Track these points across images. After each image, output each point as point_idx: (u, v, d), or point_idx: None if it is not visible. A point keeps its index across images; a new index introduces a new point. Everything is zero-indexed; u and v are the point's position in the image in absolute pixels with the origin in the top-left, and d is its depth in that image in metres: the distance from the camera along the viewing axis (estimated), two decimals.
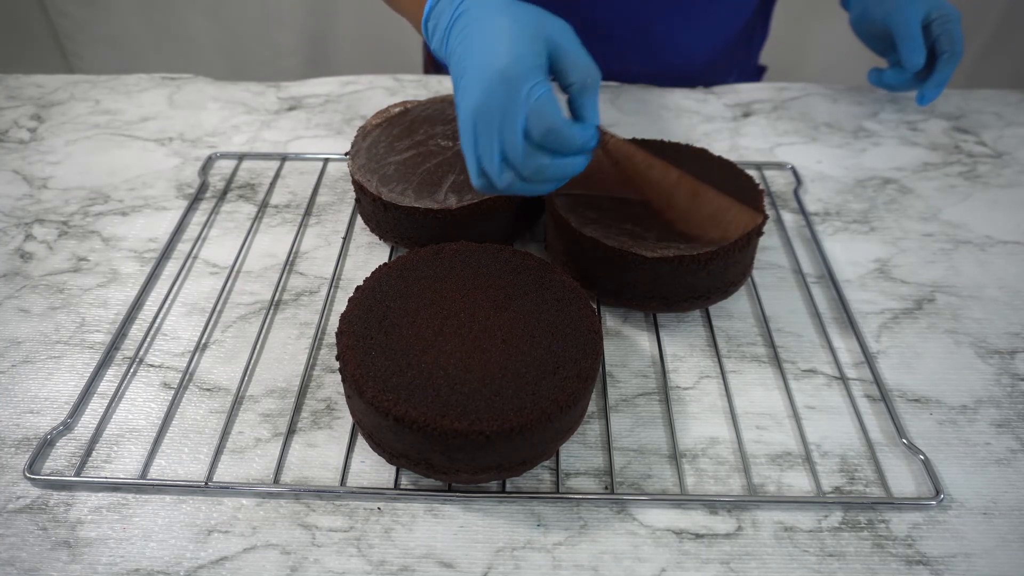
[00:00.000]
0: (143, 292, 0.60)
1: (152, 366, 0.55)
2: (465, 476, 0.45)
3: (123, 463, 0.49)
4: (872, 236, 0.67)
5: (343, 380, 0.47)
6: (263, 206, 0.69)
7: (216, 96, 0.84)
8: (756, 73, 1.00)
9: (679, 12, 0.83)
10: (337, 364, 0.47)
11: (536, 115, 0.45)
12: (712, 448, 0.50)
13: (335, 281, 0.62)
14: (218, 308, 0.59)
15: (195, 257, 0.64)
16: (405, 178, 0.60)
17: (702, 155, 0.63)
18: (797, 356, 0.56)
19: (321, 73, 0.90)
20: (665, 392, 0.53)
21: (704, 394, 0.54)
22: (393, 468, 0.48)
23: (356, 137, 0.66)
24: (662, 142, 0.65)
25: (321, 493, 0.47)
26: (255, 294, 0.61)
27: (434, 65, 0.98)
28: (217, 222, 0.68)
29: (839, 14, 0.85)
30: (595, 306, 0.59)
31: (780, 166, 0.75)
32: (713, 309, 0.60)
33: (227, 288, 0.61)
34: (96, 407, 0.52)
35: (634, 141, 0.56)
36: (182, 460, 0.49)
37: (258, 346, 0.56)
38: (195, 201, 0.70)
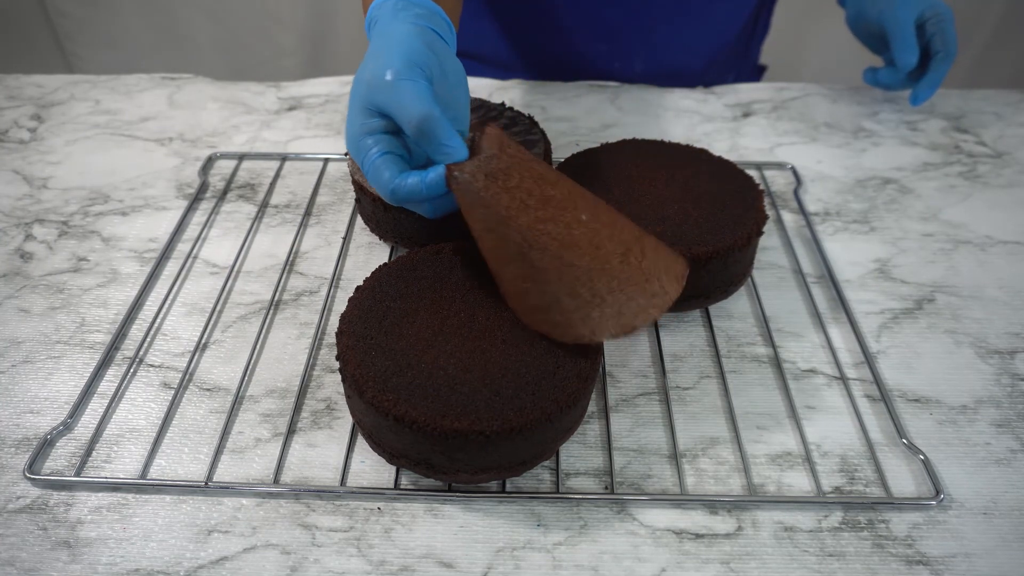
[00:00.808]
0: (143, 292, 0.60)
1: (152, 366, 0.55)
2: (465, 476, 0.45)
3: (123, 463, 0.49)
4: (872, 236, 0.67)
5: (343, 380, 0.47)
6: (263, 206, 0.69)
7: (216, 96, 0.84)
8: (756, 72, 1.00)
9: (681, 11, 0.83)
10: (337, 364, 0.47)
11: (374, 184, 0.47)
12: (712, 448, 0.50)
13: (335, 281, 0.62)
14: (218, 308, 0.59)
15: (195, 257, 0.64)
16: None
17: (702, 155, 0.63)
18: (797, 356, 0.56)
19: (321, 73, 0.90)
20: (665, 392, 0.53)
21: (704, 394, 0.54)
22: (393, 468, 0.48)
23: None
24: (662, 142, 0.65)
25: (321, 493, 0.47)
26: (255, 294, 0.61)
27: None
28: (217, 222, 0.68)
29: (839, 14, 0.85)
30: None
31: (780, 166, 0.75)
32: (713, 309, 0.60)
33: (227, 288, 0.61)
34: (96, 407, 0.52)
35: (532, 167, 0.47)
36: (182, 460, 0.49)
37: (258, 346, 0.56)
38: (195, 201, 0.70)
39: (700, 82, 0.88)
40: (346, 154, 0.66)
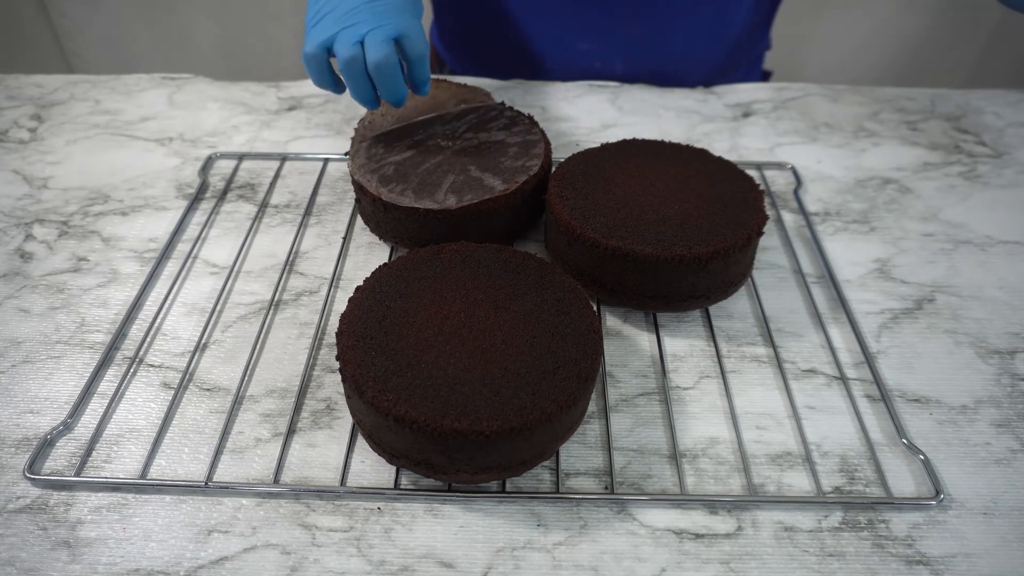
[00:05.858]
0: (143, 292, 0.60)
1: (152, 366, 0.55)
2: (465, 476, 0.45)
3: (123, 463, 0.49)
4: (872, 236, 0.67)
5: (343, 380, 0.47)
6: (263, 206, 0.69)
7: (216, 96, 0.85)
8: (763, 78, 0.99)
9: (689, 13, 0.83)
10: (337, 364, 0.47)
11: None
12: (712, 448, 0.50)
13: (335, 281, 0.62)
14: (218, 308, 0.59)
15: (195, 257, 0.64)
16: (405, 178, 0.61)
17: (702, 155, 0.63)
18: (797, 356, 0.56)
19: None
20: (665, 392, 0.53)
21: (704, 394, 0.54)
22: (393, 468, 0.48)
23: (356, 137, 0.66)
24: (662, 142, 0.65)
25: (321, 493, 0.47)
26: (255, 294, 0.61)
27: (438, 63, 0.98)
28: (217, 222, 0.68)
29: (839, 13, 0.85)
30: (595, 306, 0.59)
31: (780, 166, 0.75)
32: (713, 309, 0.60)
33: (227, 288, 0.61)
34: (96, 407, 0.52)
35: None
36: (182, 460, 0.49)
37: (258, 346, 0.56)
38: (195, 201, 0.70)
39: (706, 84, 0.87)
40: (346, 154, 0.66)
